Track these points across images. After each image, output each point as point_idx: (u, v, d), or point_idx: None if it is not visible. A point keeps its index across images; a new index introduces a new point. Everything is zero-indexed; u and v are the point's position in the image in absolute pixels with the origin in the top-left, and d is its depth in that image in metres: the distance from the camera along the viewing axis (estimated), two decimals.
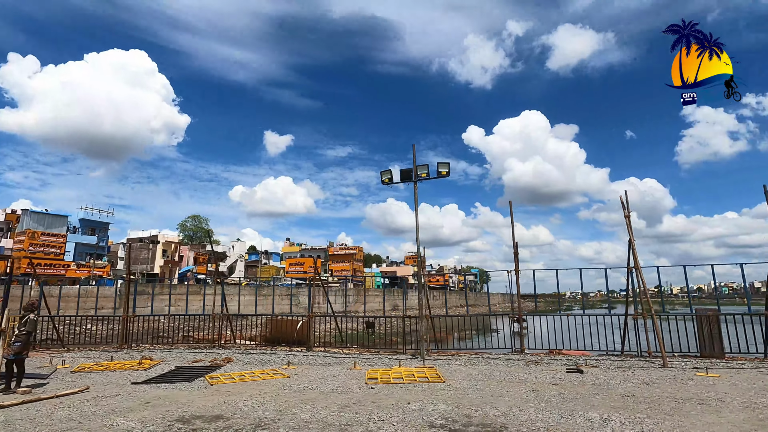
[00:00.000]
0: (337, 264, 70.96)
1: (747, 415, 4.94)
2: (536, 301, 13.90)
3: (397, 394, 6.26)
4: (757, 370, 7.89)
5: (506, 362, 9.36)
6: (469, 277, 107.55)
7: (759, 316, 9.54)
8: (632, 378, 7.32)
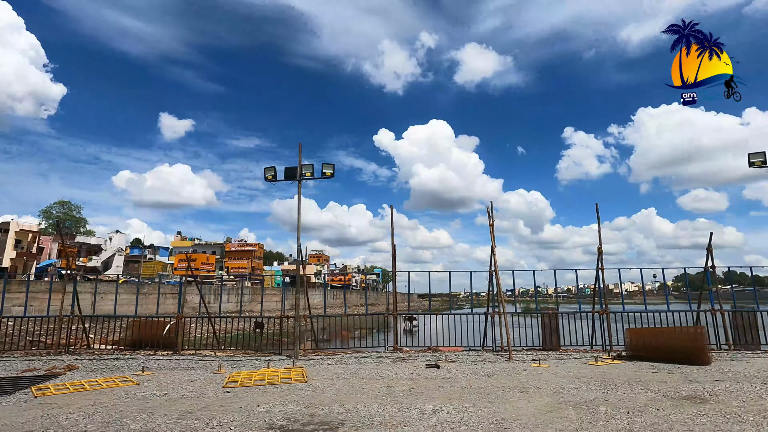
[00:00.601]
0: (235, 261, 67.32)
1: (552, 399, 5.81)
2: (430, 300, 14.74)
3: (251, 397, 6.14)
4: (578, 360, 9.32)
5: (376, 360, 9.74)
6: (371, 276, 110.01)
7: (587, 313, 11.30)
8: (479, 371, 8.14)
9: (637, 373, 7.74)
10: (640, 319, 11.98)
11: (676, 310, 10.99)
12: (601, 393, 6.11)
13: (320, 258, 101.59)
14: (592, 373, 7.79)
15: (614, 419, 4.78)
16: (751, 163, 10.09)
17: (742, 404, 5.34)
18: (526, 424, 4.67)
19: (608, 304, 11.05)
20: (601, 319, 10.83)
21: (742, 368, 7.93)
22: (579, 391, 6.29)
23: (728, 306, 11.02)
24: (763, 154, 9.99)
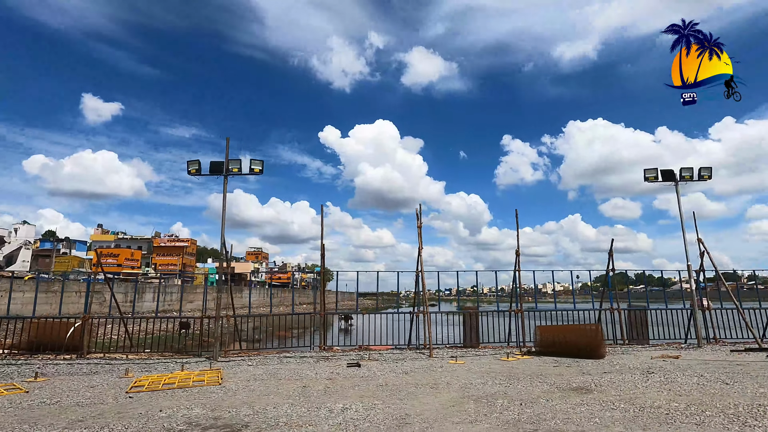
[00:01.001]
0: (164, 257, 63.26)
1: (458, 394, 6.14)
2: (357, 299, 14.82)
3: (156, 402, 5.84)
4: (493, 356, 9.91)
5: (300, 360, 9.67)
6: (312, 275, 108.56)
7: (504, 312, 12.05)
8: (398, 369, 8.38)
9: (541, 367, 8.40)
10: (551, 317, 12.98)
11: (581, 309, 12.05)
12: (503, 387, 6.56)
13: (259, 255, 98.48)
14: (501, 368, 8.33)
15: (507, 410, 5.16)
16: (645, 178, 11.34)
17: (619, 393, 5.99)
18: (427, 418, 4.90)
19: (537, 302, 11.86)
20: (516, 317, 11.59)
21: (629, 361, 8.90)
22: (485, 385, 6.70)
23: (625, 305, 12.29)
24: (655, 170, 11.26)
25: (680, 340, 12.04)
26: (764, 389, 6.17)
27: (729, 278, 32.00)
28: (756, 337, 10.60)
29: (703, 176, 11.44)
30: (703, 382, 6.72)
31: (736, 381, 6.75)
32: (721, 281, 11.79)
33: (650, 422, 4.61)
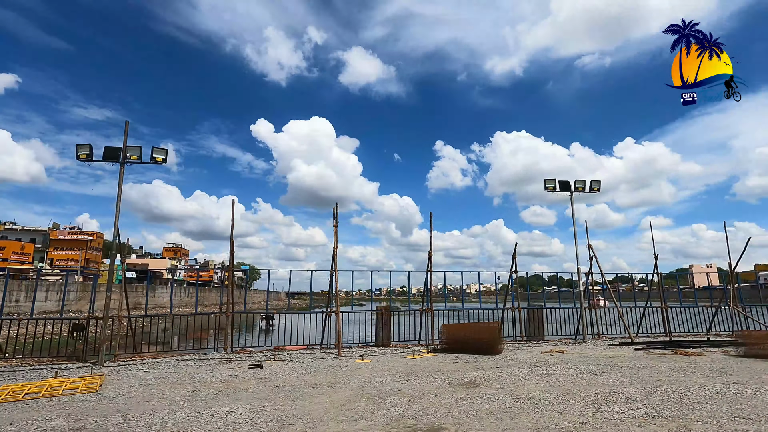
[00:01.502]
0: (64, 252, 56.61)
1: (353, 392, 6.17)
2: (268, 299, 14.36)
3: (10, 414, 5.14)
4: (400, 354, 10.14)
5: (200, 363, 9.14)
6: (237, 273, 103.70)
7: (415, 311, 12.41)
8: (301, 369, 8.25)
9: (441, 363, 8.75)
10: (461, 315, 13.63)
11: (486, 309, 12.80)
12: (400, 384, 6.72)
13: (178, 251, 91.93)
14: (404, 366, 8.55)
15: (395, 407, 5.28)
16: (546, 187, 12.35)
17: (502, 386, 6.42)
18: (313, 418, 4.85)
19: (464, 302, 12.29)
20: (427, 316, 11.99)
21: (522, 356, 9.60)
22: (382, 383, 6.81)
23: (525, 304, 13.27)
24: (554, 181, 12.31)
25: (571, 336, 13.27)
26: (624, 378, 6.98)
27: (624, 281, 35.66)
28: (629, 333, 12.02)
29: (593, 188, 12.76)
30: (577, 373, 7.43)
31: (604, 372, 7.57)
32: (606, 282, 13.21)
33: (520, 412, 4.98)
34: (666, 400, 5.53)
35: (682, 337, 12.30)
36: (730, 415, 4.81)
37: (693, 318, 14.35)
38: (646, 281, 20.40)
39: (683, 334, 13.34)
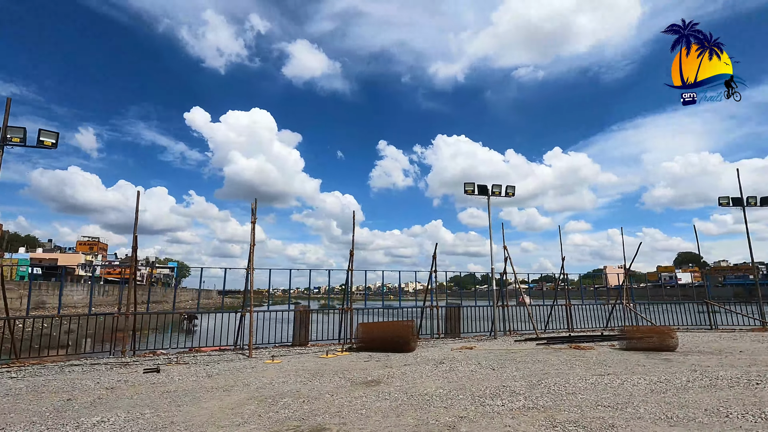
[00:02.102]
0: None
1: (247, 395, 5.96)
2: (199, 298, 13.52)
3: None
4: (314, 354, 10.03)
5: (90, 368, 8.37)
6: (164, 270, 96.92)
7: (335, 310, 12.35)
8: (203, 372, 7.84)
9: (353, 362, 8.76)
10: (385, 314, 13.78)
11: (407, 307, 13.07)
12: (301, 385, 6.61)
13: (94, 246, 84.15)
14: (315, 365, 8.44)
15: (285, 409, 5.17)
16: (465, 191, 12.85)
17: (401, 384, 6.55)
18: (193, 425, 4.60)
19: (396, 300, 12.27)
20: (346, 315, 11.97)
21: (433, 353, 9.90)
22: (284, 384, 6.66)
23: (443, 302, 13.73)
24: (472, 185, 12.86)
25: (486, 333, 13.94)
26: (517, 372, 7.42)
27: (549, 280, 38.06)
28: (535, 329, 12.89)
29: (509, 193, 13.51)
30: (477, 369, 7.79)
31: (502, 367, 8.00)
32: (517, 282, 14.06)
33: (408, 409, 5.09)
34: (546, 392, 5.95)
35: (581, 333, 13.40)
36: (595, 404, 5.27)
37: (594, 314, 15.72)
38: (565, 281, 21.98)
39: (583, 330, 14.56)
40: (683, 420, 4.61)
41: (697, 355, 9.06)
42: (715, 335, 12.99)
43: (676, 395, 5.74)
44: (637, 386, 6.28)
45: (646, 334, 9.80)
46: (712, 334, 13.41)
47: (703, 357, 8.84)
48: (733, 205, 15.16)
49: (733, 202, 15.16)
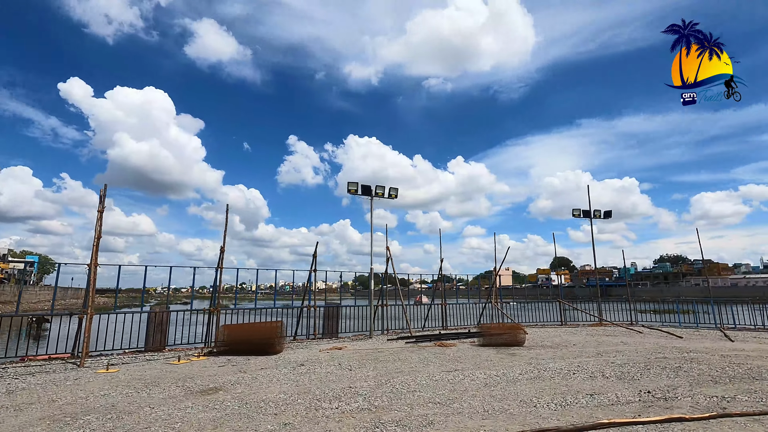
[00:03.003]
0: None
1: (40, 414, 5.03)
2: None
3: None
4: (164, 360, 9.05)
5: None
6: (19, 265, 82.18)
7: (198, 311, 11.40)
8: (4, 388, 6.53)
9: (204, 368, 8.06)
10: (262, 314, 13.09)
11: (281, 306, 12.58)
12: (125, 397, 5.81)
13: None
14: (157, 373, 7.57)
15: (84, 427, 4.42)
16: (348, 190, 12.81)
17: (243, 391, 6.12)
18: None
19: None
20: (213, 316, 11.10)
21: (299, 355, 9.59)
22: (102, 398, 5.78)
23: (322, 302, 13.52)
24: (356, 184, 12.87)
25: (366, 332, 14.04)
26: (372, 372, 7.46)
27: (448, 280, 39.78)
28: (409, 328, 13.34)
29: (392, 195, 13.83)
30: (334, 370, 7.67)
31: (361, 367, 8.00)
32: (397, 282, 14.44)
33: (233, 418, 4.70)
34: (389, 391, 6.01)
35: (452, 331, 14.21)
36: (427, 401, 5.43)
37: (469, 313, 16.85)
38: (442, 280, 23.19)
39: (457, 328, 15.49)
40: (497, 412, 4.94)
41: (539, 349, 10.09)
42: (561, 330, 14.74)
43: (504, 388, 6.21)
44: (475, 381, 6.69)
45: (499, 331, 10.66)
46: (560, 329, 15.21)
47: (543, 351, 9.87)
48: (583, 216, 17.49)
49: (583, 214, 17.49)
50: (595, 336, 12.83)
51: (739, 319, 16.04)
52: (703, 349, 9.68)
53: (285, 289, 47.37)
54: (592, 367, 7.76)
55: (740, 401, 5.39)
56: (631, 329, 14.29)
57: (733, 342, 11.23)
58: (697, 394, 5.73)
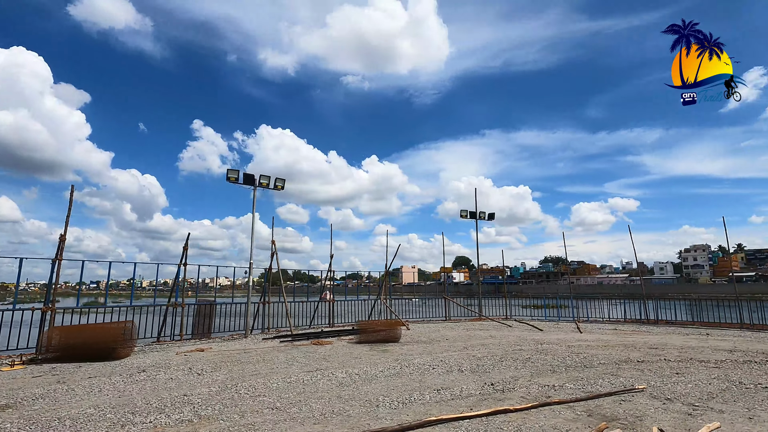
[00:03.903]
0: None
1: None
2: None
3: None
4: None
5: None
6: None
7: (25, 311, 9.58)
8: None
9: (13, 379, 6.66)
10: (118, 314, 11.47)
11: (141, 305, 11.16)
12: None
13: None
14: None
15: None
16: (228, 178, 11.82)
17: (43, 406, 5.08)
18: None
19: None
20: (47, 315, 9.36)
21: (150, 359, 8.47)
22: None
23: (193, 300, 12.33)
24: (237, 172, 11.93)
25: (243, 331, 13.10)
26: (224, 377, 6.77)
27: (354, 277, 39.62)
28: (290, 325, 12.77)
29: (277, 186, 13.12)
30: (180, 376, 6.83)
31: (214, 371, 7.25)
32: (281, 280, 13.74)
33: None
34: (229, 397, 5.43)
35: (338, 327, 13.94)
36: (267, 406, 4.97)
37: (358, 309, 16.76)
38: (332, 278, 22.91)
39: (343, 324, 15.27)
40: (334, 415, 4.66)
41: (413, 345, 10.23)
42: (443, 326, 15.36)
43: (358, 388, 6.00)
44: (331, 381, 6.39)
45: (376, 327, 10.62)
46: (442, 324, 15.85)
47: (416, 346, 10.03)
48: (470, 218, 18.51)
49: (470, 215, 18.52)
50: (470, 330, 13.53)
51: (595, 313, 18.29)
52: (556, 341, 10.65)
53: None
54: (453, 361, 7.98)
55: (566, 389, 5.83)
56: (504, 323, 15.40)
57: (582, 333, 12.60)
58: (533, 384, 6.10)
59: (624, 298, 17.89)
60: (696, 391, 5.60)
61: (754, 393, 5.49)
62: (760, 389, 5.67)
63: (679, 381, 6.14)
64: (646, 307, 16.21)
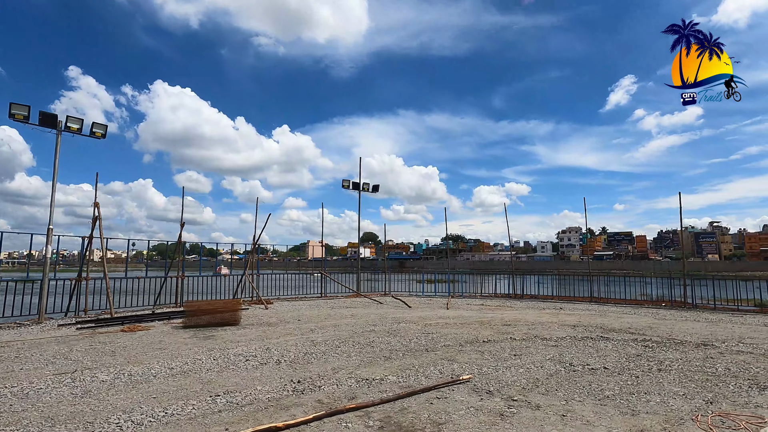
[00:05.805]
0: None
1: None
2: None
3: None
4: None
5: None
6: None
7: None
8: None
9: None
10: None
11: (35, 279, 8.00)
12: None
13: None
14: None
15: None
16: (11, 115, 8.86)
17: None
18: None
19: None
20: None
21: None
22: None
23: None
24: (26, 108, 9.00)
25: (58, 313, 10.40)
26: None
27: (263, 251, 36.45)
28: (110, 306, 10.40)
29: (96, 133, 10.39)
30: None
31: None
32: (105, 254, 11.16)
33: None
34: None
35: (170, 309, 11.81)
36: None
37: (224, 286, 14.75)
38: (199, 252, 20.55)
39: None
40: None
41: (251, 329, 8.71)
42: (313, 303, 14.16)
43: (110, 396, 4.35)
44: (78, 388, 4.63)
45: (209, 308, 8.89)
46: (314, 302, 14.63)
47: (253, 330, 8.53)
48: (352, 188, 17.38)
49: (353, 186, 17.37)
50: (336, 309, 12.47)
51: (476, 288, 18.58)
52: (416, 319, 9.97)
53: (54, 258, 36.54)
54: (282, 348, 6.69)
55: (387, 383, 4.84)
56: (376, 300, 14.66)
57: (447, 310, 12.25)
58: (352, 378, 5.01)
59: (509, 274, 18.41)
60: (523, 378, 4.96)
61: (579, 377, 5.01)
62: (586, 372, 5.25)
63: (512, 365, 5.54)
64: (514, 283, 16.73)
